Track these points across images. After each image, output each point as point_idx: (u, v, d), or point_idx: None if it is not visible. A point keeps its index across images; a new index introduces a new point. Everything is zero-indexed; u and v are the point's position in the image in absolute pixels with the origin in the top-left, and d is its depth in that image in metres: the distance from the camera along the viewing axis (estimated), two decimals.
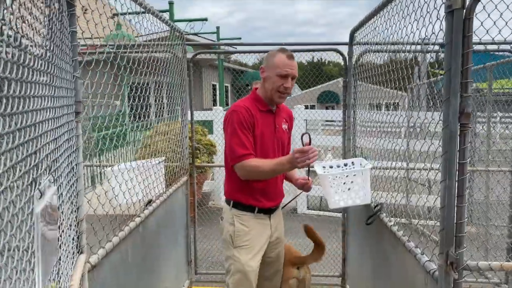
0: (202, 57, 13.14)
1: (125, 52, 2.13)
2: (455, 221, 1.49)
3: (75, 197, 1.52)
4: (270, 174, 2.26)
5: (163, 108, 3.27)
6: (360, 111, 3.23)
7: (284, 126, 2.46)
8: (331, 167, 2.91)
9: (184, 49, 3.47)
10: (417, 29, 1.82)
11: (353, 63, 3.35)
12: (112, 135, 2.36)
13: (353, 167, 2.85)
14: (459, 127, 1.46)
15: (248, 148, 2.22)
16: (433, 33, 1.63)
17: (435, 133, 1.94)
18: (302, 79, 6.17)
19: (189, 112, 3.66)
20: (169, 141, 3.48)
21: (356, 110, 3.34)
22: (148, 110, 2.92)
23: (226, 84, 17.96)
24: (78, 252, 1.56)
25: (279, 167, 2.22)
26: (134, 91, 2.43)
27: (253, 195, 2.33)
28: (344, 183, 2.65)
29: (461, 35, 1.42)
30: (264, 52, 3.62)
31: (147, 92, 2.59)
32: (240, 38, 8.35)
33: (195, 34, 9.33)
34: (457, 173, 1.48)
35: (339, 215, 4.15)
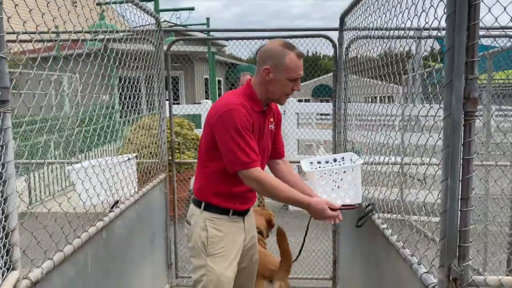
0: (192, 50, 12.85)
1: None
2: (458, 229, 1.25)
3: (2, 203, 1.26)
4: (282, 200, 2.04)
5: (141, 101, 3.01)
6: (352, 103, 2.98)
7: (271, 127, 2.19)
8: (319, 162, 2.66)
9: (160, 36, 3.20)
10: (415, 14, 1.56)
11: (344, 50, 3.10)
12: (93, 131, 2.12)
13: (343, 163, 2.61)
14: (463, 115, 1.21)
15: (256, 152, 1.94)
16: (435, 18, 1.37)
17: (433, 126, 1.69)
18: None
19: (167, 104, 3.39)
20: (149, 136, 3.23)
21: (347, 102, 3.09)
22: (128, 103, 2.66)
23: (220, 78, 17.67)
24: (8, 269, 1.30)
25: (296, 203, 1.99)
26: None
27: (229, 198, 2.07)
28: (333, 180, 2.41)
29: (467, 3, 1.16)
30: (247, 39, 3.36)
31: (125, 86, 2.35)
32: (230, 30, 8.02)
33: (184, 26, 9.02)
34: (461, 171, 1.23)
35: None
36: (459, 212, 1.24)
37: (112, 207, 2.26)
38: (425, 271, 1.46)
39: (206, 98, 13.29)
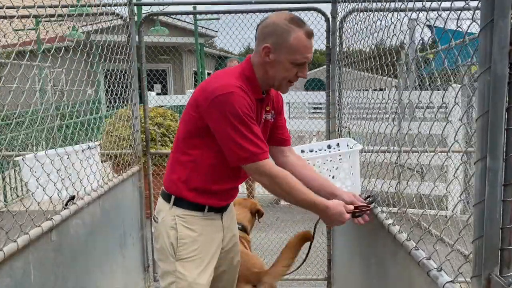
0: (180, 41, 12.42)
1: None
2: (501, 225, 0.91)
3: None
4: (294, 202, 1.64)
5: (113, 89, 2.66)
6: (348, 86, 2.64)
7: (267, 117, 1.79)
8: (311, 150, 2.33)
9: (131, 10, 2.83)
10: None
11: (338, 23, 2.76)
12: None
13: (339, 150, 2.28)
14: (508, 69, 0.88)
15: (265, 141, 1.59)
16: None
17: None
18: None
19: (145, 89, 3.03)
20: (128, 127, 2.89)
21: (342, 82, 2.75)
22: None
23: (210, 71, 17.26)
24: None
25: (311, 207, 1.63)
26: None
27: (206, 193, 1.72)
28: (327, 169, 2.08)
29: None
30: (229, 12, 3.00)
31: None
32: (219, 19, 7.65)
33: (166, 14, 8.60)
34: (504, 147, 0.90)
35: None
36: (501, 203, 0.91)
37: (66, 204, 1.90)
38: (449, 279, 1.13)
39: None
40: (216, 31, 13.84)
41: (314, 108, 12.04)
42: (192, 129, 1.65)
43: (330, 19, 2.83)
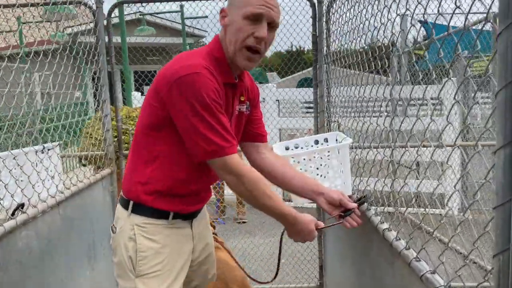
0: (169, 41, 12.16)
1: None
2: None
3: None
4: (261, 207, 1.39)
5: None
6: (337, 82, 2.40)
7: (240, 109, 1.53)
8: (296, 146, 2.09)
9: None
10: None
11: (324, 8, 2.52)
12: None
13: (327, 145, 2.04)
14: None
15: (231, 133, 1.35)
16: None
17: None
18: (281, 67, 5.80)
19: (118, 84, 2.78)
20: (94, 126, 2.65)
21: (330, 72, 2.51)
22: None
23: None
24: None
25: (277, 216, 1.39)
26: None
27: (170, 197, 1.46)
28: (314, 167, 1.84)
29: None
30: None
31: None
32: (206, 17, 7.42)
33: (153, 14, 8.38)
34: None
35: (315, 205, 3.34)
36: None
37: (12, 213, 1.65)
38: None
39: None
40: (206, 31, 13.61)
41: (307, 107, 11.79)
42: (153, 121, 1.40)
43: (316, 4, 2.60)
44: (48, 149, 1.96)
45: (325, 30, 2.55)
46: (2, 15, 2.48)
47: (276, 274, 1.72)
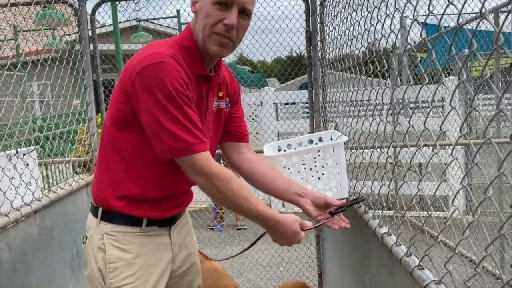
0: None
1: None
2: None
3: None
4: (239, 211, 1.26)
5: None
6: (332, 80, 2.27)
7: (218, 105, 1.41)
8: (289, 146, 1.96)
9: None
10: None
11: (318, 3, 2.41)
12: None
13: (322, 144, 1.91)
14: None
15: (201, 129, 1.22)
16: None
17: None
18: (281, 73, 5.77)
19: (97, 86, 2.66)
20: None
21: (324, 68, 2.38)
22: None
23: None
24: None
25: (258, 219, 1.24)
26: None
27: (143, 202, 1.32)
28: (306, 167, 1.70)
29: None
30: None
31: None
32: None
33: (149, 20, 8.30)
34: None
35: None
36: None
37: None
38: None
39: None
40: None
41: (307, 112, 11.64)
42: (119, 119, 1.26)
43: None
44: (23, 154, 1.83)
45: (318, 25, 2.42)
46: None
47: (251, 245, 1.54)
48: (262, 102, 5.71)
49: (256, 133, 6.11)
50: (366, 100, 1.61)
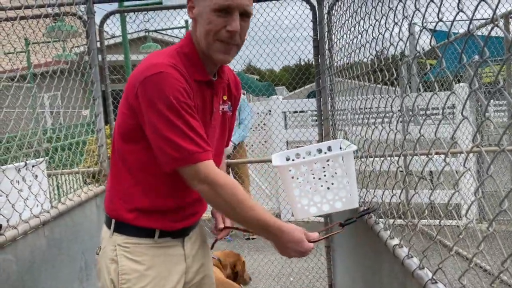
0: None
1: None
2: None
3: None
4: (241, 221, 1.25)
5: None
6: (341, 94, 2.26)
7: (224, 108, 1.40)
8: (298, 156, 1.93)
9: (89, 8, 2.49)
10: None
11: (325, 9, 2.40)
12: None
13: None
14: None
15: (205, 137, 1.21)
16: None
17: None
18: (289, 82, 5.65)
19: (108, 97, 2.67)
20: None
21: (333, 76, 2.37)
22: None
23: None
24: None
25: (262, 228, 1.23)
26: None
27: (155, 213, 1.32)
28: (316, 177, 1.68)
29: None
30: None
31: None
32: None
33: (157, 31, 8.37)
34: None
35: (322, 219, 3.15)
36: None
37: None
38: None
39: None
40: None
41: (315, 120, 11.57)
42: (125, 131, 1.27)
43: (316, 7, 2.48)
44: (32, 166, 1.84)
45: (326, 34, 2.41)
46: (7, 36, 2.48)
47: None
48: (270, 111, 5.70)
49: (265, 142, 6.09)
50: (375, 108, 1.59)
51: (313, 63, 2.57)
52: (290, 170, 1.67)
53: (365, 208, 1.63)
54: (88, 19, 2.49)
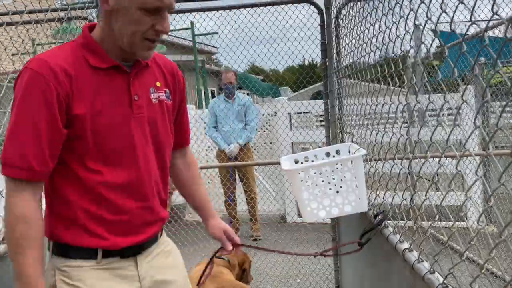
0: (182, 59, 12.25)
1: None
2: None
3: None
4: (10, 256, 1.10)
5: None
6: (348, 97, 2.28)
7: (158, 95, 1.25)
8: (306, 159, 1.95)
9: (100, 12, 2.53)
10: None
11: (333, 13, 2.42)
12: None
13: (339, 157, 1.90)
14: None
15: (30, 155, 1.07)
16: None
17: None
18: (293, 81, 5.61)
19: None
20: None
21: (341, 79, 2.39)
22: None
23: (213, 88, 17.06)
24: None
25: (16, 261, 1.07)
26: None
27: (93, 229, 1.16)
28: (324, 181, 1.70)
29: None
30: (214, 10, 2.68)
31: None
32: (217, 33, 7.39)
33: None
34: None
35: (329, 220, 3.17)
36: None
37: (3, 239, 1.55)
38: None
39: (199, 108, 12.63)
40: (217, 47, 13.68)
41: (321, 120, 11.58)
42: None
43: (324, 11, 2.50)
44: None
45: (334, 38, 2.43)
46: (18, 37, 2.51)
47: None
48: (276, 112, 5.72)
49: (270, 143, 6.11)
50: (385, 114, 1.61)
51: (317, 63, 2.59)
52: (299, 174, 1.69)
53: (374, 212, 1.65)
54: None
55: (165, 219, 1.31)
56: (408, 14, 1.16)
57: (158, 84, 1.26)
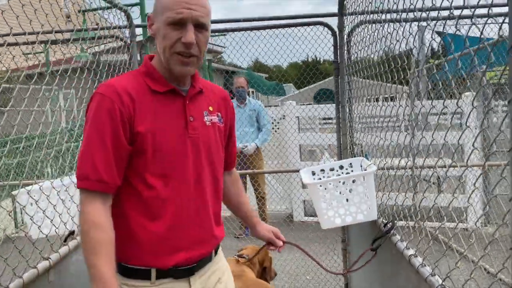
0: None
1: None
2: None
3: None
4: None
5: None
6: (358, 102, 2.52)
7: (211, 118, 1.37)
8: (322, 171, 2.20)
9: (132, 33, 2.77)
10: None
11: (345, 37, 2.65)
12: None
13: (351, 170, 2.15)
14: None
15: (101, 168, 1.20)
16: None
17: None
18: (297, 77, 5.75)
19: None
20: None
21: (352, 98, 2.63)
22: None
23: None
24: None
25: (88, 267, 1.17)
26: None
27: (147, 245, 1.26)
28: (340, 192, 1.95)
29: None
30: (232, 30, 2.92)
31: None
32: (224, 34, 7.56)
33: None
34: None
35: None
36: None
37: (65, 240, 1.80)
38: None
39: None
40: (224, 47, 13.86)
41: (324, 119, 11.82)
42: None
43: (337, 33, 2.73)
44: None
45: (346, 58, 2.67)
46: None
47: None
48: (284, 116, 5.96)
49: (279, 145, 6.35)
50: (393, 118, 1.85)
51: (321, 59, 2.78)
52: (319, 187, 1.94)
53: (383, 221, 1.89)
54: (131, 42, 2.77)
55: (219, 238, 1.39)
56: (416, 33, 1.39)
57: (210, 108, 1.38)
